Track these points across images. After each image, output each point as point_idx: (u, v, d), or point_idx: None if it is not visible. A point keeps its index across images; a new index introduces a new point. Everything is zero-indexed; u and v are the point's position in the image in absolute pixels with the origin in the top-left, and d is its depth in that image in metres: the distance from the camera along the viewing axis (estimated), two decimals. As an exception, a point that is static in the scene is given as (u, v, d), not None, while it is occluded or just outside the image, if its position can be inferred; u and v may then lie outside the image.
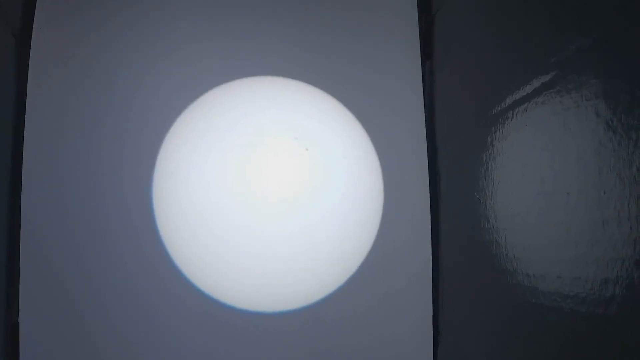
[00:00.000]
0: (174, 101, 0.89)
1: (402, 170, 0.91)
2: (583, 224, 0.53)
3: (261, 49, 0.90)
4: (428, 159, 0.92)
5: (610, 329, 0.49)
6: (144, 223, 0.86)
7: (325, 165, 0.91)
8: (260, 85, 0.91)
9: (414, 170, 0.91)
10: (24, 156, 0.85)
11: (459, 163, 0.85)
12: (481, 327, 0.75)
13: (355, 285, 0.88)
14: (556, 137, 0.57)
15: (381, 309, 0.89)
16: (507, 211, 0.69)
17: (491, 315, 0.72)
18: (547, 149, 0.59)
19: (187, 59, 0.89)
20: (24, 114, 0.85)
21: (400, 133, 0.92)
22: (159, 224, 0.88)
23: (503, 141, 0.70)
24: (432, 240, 0.90)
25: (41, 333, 0.81)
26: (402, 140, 0.92)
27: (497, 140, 0.71)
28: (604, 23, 0.50)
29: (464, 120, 0.82)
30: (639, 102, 0.45)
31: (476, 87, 0.78)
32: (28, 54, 0.86)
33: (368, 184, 0.91)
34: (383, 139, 0.92)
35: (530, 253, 0.63)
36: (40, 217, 0.85)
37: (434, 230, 0.91)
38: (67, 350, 0.83)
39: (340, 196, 0.91)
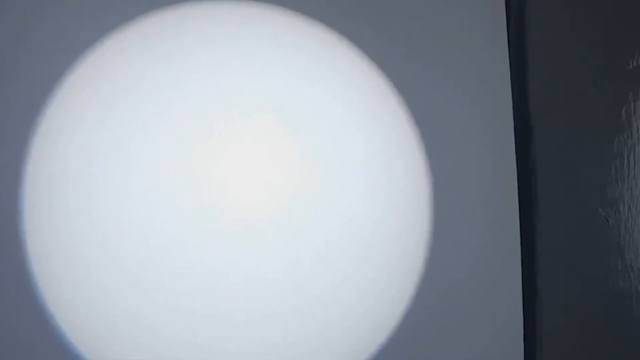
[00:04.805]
0: (64, 41, 0.69)
1: (458, 165, 0.73)
2: None
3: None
4: (516, 147, 0.75)
5: None
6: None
7: (330, 159, 0.72)
8: (218, 16, 0.71)
9: (482, 169, 0.74)
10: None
11: (569, 154, 0.72)
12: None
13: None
14: None
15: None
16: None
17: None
18: None
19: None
20: None
21: (451, 107, 0.74)
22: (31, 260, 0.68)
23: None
24: (523, 286, 0.73)
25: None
26: (454, 118, 0.74)
27: (637, 115, 0.62)
28: None
29: (576, 82, 0.70)
30: None
31: (592, 34, 0.68)
32: None
33: (402, 186, 0.72)
34: (424, 114, 0.73)
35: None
36: None
37: (526, 269, 0.75)
38: None
39: (354, 206, 0.71)
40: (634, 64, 0.63)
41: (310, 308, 0.70)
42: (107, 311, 0.66)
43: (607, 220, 0.65)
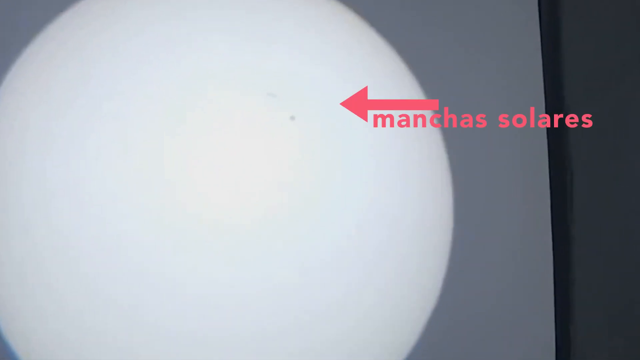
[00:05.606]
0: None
1: (482, 161, 0.69)
2: None
3: None
4: (548, 140, 0.69)
5: None
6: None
7: (333, 153, 0.66)
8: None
9: (509, 163, 0.70)
10: None
11: (609, 148, 0.69)
12: None
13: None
14: None
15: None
16: None
17: None
18: None
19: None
20: None
21: (475, 94, 0.69)
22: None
23: None
24: (555, 302, 0.68)
25: None
26: (479, 106, 0.69)
27: None
28: None
29: (618, 64, 0.68)
30: None
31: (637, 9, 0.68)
32: None
33: (419, 184, 0.67)
34: (445, 100, 0.68)
35: None
36: None
37: (559, 282, 0.69)
38: None
39: (362, 208, 0.65)
40: None
41: (311, 326, 0.63)
42: (67, 330, 0.60)
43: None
